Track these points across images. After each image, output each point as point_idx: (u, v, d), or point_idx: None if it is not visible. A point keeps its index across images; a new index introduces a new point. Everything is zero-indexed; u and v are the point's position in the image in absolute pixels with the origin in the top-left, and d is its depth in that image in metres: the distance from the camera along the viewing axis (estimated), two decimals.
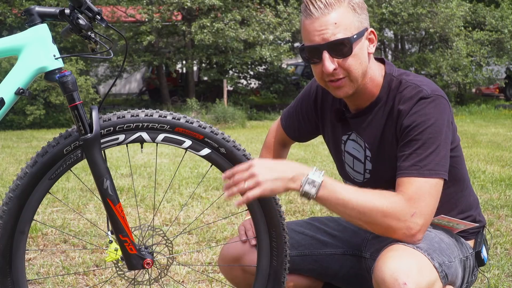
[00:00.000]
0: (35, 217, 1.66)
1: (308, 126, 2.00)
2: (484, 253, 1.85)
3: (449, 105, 1.70)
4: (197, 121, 1.68)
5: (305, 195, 1.55)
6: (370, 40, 1.70)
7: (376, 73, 1.74)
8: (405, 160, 1.63)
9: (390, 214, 1.56)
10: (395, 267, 1.49)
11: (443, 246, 1.66)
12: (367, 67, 1.69)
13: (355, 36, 1.63)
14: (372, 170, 1.81)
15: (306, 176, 1.55)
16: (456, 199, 1.81)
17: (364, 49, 1.67)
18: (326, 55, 1.64)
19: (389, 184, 1.74)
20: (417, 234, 1.58)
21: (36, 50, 1.58)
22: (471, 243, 1.85)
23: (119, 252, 1.67)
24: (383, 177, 1.78)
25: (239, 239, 1.95)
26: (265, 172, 1.53)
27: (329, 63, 1.64)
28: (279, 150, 2.10)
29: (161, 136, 1.66)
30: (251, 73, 19.25)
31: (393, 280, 1.47)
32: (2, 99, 1.57)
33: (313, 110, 1.96)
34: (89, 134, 1.59)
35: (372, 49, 1.71)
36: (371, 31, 1.70)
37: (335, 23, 1.61)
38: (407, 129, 1.65)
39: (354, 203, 1.56)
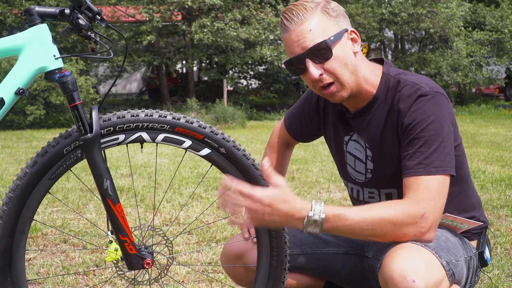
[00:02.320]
0: (35, 217, 1.66)
1: (310, 128, 2.01)
2: (487, 253, 1.84)
3: (449, 102, 1.70)
4: (197, 121, 1.68)
5: (310, 233, 1.56)
6: (353, 40, 1.71)
7: (370, 72, 1.74)
8: (409, 159, 1.63)
9: (400, 222, 1.55)
10: (404, 264, 1.49)
11: (450, 245, 1.66)
12: (355, 67, 1.69)
13: (332, 38, 1.64)
14: (373, 169, 1.81)
15: (306, 217, 1.53)
16: (459, 198, 1.81)
17: (347, 50, 1.67)
18: (309, 63, 1.65)
19: (391, 183, 1.75)
20: (427, 232, 1.57)
21: (36, 50, 1.58)
22: (474, 243, 1.85)
23: (119, 252, 1.66)
24: (384, 176, 1.78)
25: (241, 237, 1.96)
26: (268, 212, 1.53)
27: (314, 70, 1.65)
28: (283, 150, 2.12)
29: (161, 136, 1.66)
30: (251, 73, 19.25)
31: (401, 277, 1.47)
32: (2, 99, 1.57)
33: (315, 111, 1.97)
34: (89, 134, 1.59)
35: (357, 48, 1.71)
36: (352, 31, 1.71)
37: (310, 30, 1.64)
38: (408, 128, 1.65)
39: (361, 225, 1.55)
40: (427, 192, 1.58)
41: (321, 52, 1.64)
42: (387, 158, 1.75)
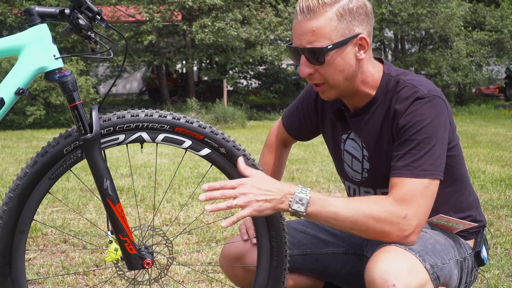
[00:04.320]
0: (35, 217, 1.66)
1: (309, 125, 2.01)
2: (484, 253, 1.84)
3: (447, 105, 1.69)
4: (197, 121, 1.68)
5: (295, 213, 1.57)
6: (361, 46, 1.65)
7: (370, 75, 1.72)
8: (399, 160, 1.63)
9: (381, 219, 1.56)
10: (385, 268, 1.49)
11: (438, 248, 1.65)
12: (353, 73, 1.67)
13: (330, 46, 1.60)
14: (370, 169, 1.81)
15: (293, 195, 1.56)
16: (455, 198, 1.80)
17: (347, 58, 1.64)
18: (303, 59, 1.66)
19: (387, 183, 1.74)
20: (410, 235, 1.58)
21: (36, 50, 1.58)
22: (471, 243, 1.85)
23: (119, 252, 1.67)
24: (381, 176, 1.78)
25: (240, 238, 1.96)
26: (255, 193, 1.54)
27: (304, 68, 1.66)
28: (280, 150, 2.11)
29: (161, 136, 1.66)
30: (251, 73, 19.25)
31: (382, 281, 1.47)
32: (2, 99, 1.57)
33: (313, 109, 1.97)
34: (89, 134, 1.59)
35: (363, 55, 1.66)
36: (362, 37, 1.64)
37: (314, 30, 1.61)
38: (403, 129, 1.65)
39: (344, 214, 1.56)
40: (412, 194, 1.58)
41: (315, 56, 1.63)
42: (383, 159, 1.75)
